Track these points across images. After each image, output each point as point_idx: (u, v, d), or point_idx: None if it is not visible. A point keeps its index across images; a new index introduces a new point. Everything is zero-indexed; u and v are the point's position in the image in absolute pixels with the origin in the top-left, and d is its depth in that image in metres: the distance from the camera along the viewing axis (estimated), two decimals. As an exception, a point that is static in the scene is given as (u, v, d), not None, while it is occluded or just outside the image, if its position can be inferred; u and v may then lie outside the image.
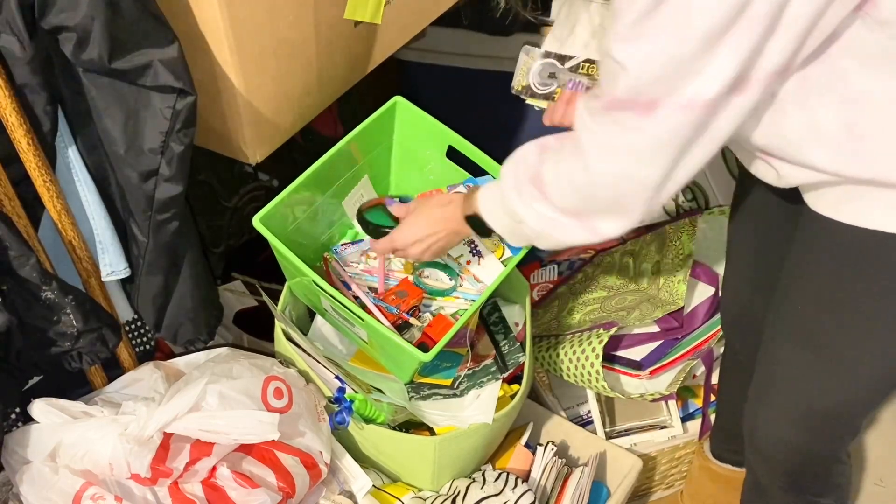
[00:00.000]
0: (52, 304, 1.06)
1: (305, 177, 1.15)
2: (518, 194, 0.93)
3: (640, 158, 0.80)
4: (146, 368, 1.23)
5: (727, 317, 1.33)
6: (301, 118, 1.22)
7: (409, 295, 1.22)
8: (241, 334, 1.58)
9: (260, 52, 1.05)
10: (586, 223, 0.89)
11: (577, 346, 1.42)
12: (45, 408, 1.10)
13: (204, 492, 1.09)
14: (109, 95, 1.00)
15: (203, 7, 0.98)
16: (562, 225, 0.91)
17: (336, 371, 1.21)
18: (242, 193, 1.71)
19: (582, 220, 0.89)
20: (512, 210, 0.95)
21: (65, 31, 0.91)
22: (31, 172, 1.03)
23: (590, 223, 0.89)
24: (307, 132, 1.50)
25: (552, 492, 1.30)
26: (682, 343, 1.47)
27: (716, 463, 1.49)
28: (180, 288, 1.22)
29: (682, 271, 1.48)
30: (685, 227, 1.56)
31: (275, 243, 1.11)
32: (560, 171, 0.88)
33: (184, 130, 1.02)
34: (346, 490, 1.24)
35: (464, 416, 1.21)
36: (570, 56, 1.19)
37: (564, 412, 1.53)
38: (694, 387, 1.56)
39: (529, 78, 1.21)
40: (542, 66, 1.20)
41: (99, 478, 1.06)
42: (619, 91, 0.76)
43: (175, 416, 1.05)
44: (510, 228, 1.00)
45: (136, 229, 1.13)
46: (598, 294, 1.56)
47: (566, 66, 1.20)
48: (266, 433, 1.09)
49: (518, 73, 1.21)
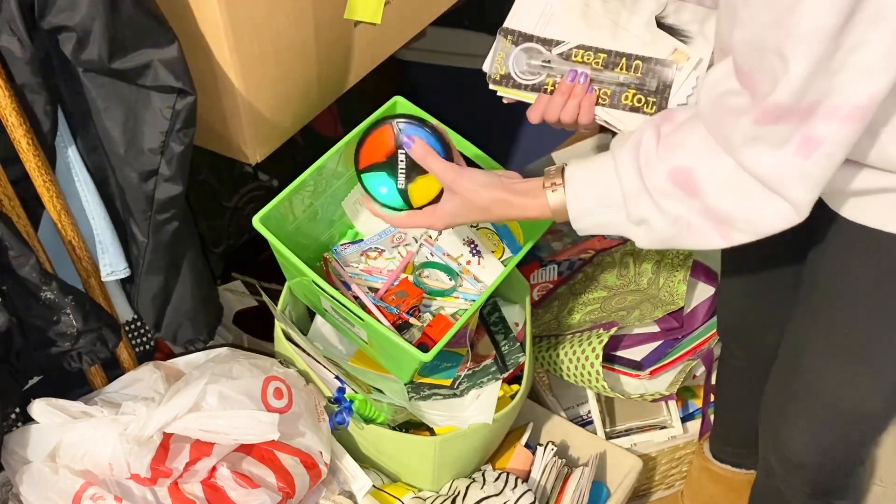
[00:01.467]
0: (51, 304, 1.06)
1: (305, 177, 1.15)
2: (648, 195, 0.81)
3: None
4: (146, 368, 1.23)
5: (724, 324, 1.33)
6: (301, 118, 1.22)
7: (409, 295, 1.22)
8: (241, 334, 1.58)
9: (260, 52, 1.05)
10: (725, 230, 0.80)
11: (578, 346, 1.42)
12: (45, 408, 1.09)
13: (204, 492, 1.09)
14: (109, 95, 1.00)
15: (203, 7, 0.98)
16: (697, 229, 0.81)
17: (336, 371, 1.21)
18: (242, 193, 1.71)
19: (723, 225, 0.80)
20: (637, 212, 0.83)
21: (65, 31, 0.91)
22: (31, 172, 1.03)
23: (728, 230, 0.80)
24: (307, 132, 1.50)
25: (552, 492, 1.30)
26: (683, 343, 1.47)
27: (716, 464, 1.49)
28: (180, 288, 1.22)
29: (682, 271, 1.48)
30: (685, 227, 1.55)
31: (275, 243, 1.11)
32: (718, 168, 0.78)
33: (184, 130, 1.02)
34: (346, 490, 1.24)
35: (464, 416, 1.21)
36: (558, 40, 1.00)
37: (564, 412, 1.53)
38: (694, 387, 1.56)
39: (509, 65, 1.02)
40: (524, 52, 1.02)
41: (99, 478, 1.06)
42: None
43: (175, 416, 1.05)
44: (612, 227, 0.87)
45: (135, 229, 1.13)
46: (599, 294, 1.56)
47: (554, 53, 1.01)
48: (266, 433, 1.09)
49: (494, 60, 1.03)
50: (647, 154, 0.81)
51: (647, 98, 0.99)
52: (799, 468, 1.11)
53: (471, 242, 1.27)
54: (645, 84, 0.99)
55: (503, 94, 1.05)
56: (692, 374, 1.48)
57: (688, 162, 0.79)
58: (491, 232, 1.27)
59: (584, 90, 0.99)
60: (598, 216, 0.87)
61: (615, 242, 1.65)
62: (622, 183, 0.83)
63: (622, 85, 0.99)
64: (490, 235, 1.27)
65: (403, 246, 1.29)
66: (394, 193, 1.03)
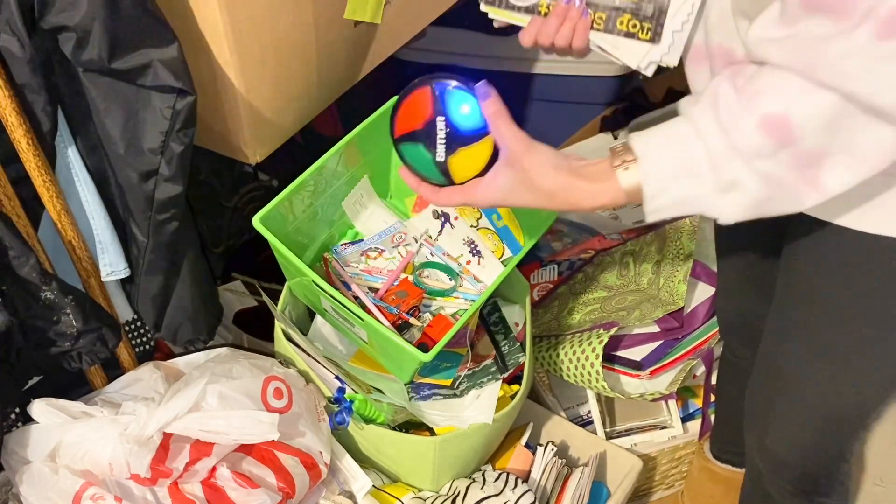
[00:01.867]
0: (51, 304, 1.06)
1: (305, 177, 1.15)
2: (737, 153, 0.72)
3: None
4: (146, 368, 1.23)
5: (723, 322, 1.33)
6: (301, 118, 1.21)
7: (409, 295, 1.21)
8: (240, 334, 1.58)
9: (260, 52, 1.05)
10: (821, 180, 0.72)
11: (578, 346, 1.42)
12: (45, 408, 1.09)
13: (204, 492, 1.09)
14: (109, 95, 1.00)
15: (203, 7, 0.98)
16: (789, 187, 0.73)
17: (336, 371, 1.21)
18: (242, 193, 1.71)
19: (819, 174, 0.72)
20: (726, 176, 0.73)
21: (65, 31, 0.91)
22: (31, 172, 1.03)
23: (824, 179, 0.72)
24: (307, 132, 1.50)
25: (552, 492, 1.30)
26: (683, 343, 1.47)
27: (716, 463, 1.49)
28: (180, 288, 1.22)
29: (683, 271, 1.48)
30: (685, 227, 1.56)
31: (275, 243, 1.11)
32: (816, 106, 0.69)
33: (184, 130, 1.02)
34: (346, 490, 1.24)
35: (464, 416, 1.21)
36: None
37: (564, 412, 1.53)
38: (694, 387, 1.56)
39: None
40: None
41: (99, 478, 1.06)
42: None
43: (175, 416, 1.05)
44: (692, 202, 0.76)
45: (135, 229, 1.12)
46: (599, 294, 1.56)
47: None
48: (266, 433, 1.09)
49: None
50: (729, 108, 0.72)
51: (643, 24, 0.96)
52: (783, 468, 1.12)
53: (471, 242, 1.27)
54: (641, 9, 0.95)
55: (494, 17, 0.99)
56: (692, 373, 1.48)
57: (778, 107, 0.70)
58: (491, 232, 1.27)
59: (579, 13, 0.94)
60: (677, 190, 0.76)
61: (615, 242, 1.65)
62: (707, 145, 0.73)
63: (618, 9, 0.95)
64: (490, 235, 1.27)
65: (403, 246, 1.29)
66: (431, 166, 0.89)
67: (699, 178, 0.74)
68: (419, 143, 0.89)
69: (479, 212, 1.28)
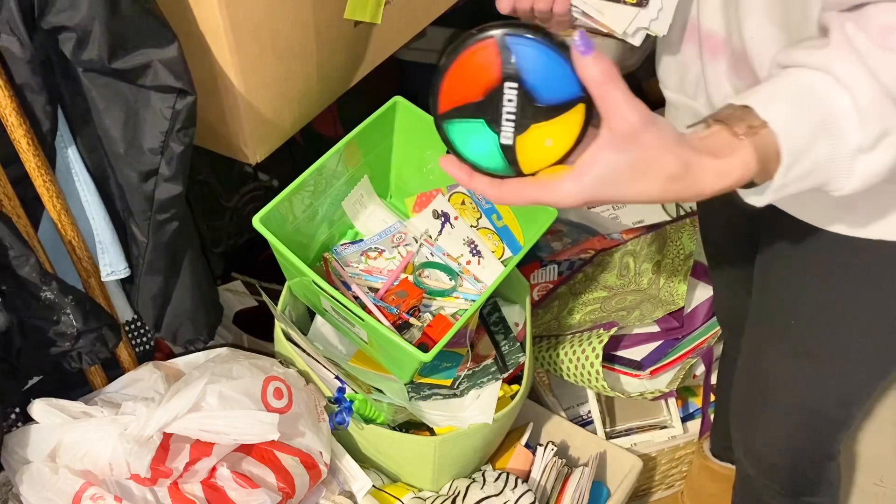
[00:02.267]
0: (51, 304, 1.06)
1: (305, 177, 1.15)
2: (890, 97, 0.61)
3: None
4: (146, 368, 1.23)
5: (721, 317, 1.34)
6: (301, 118, 1.21)
7: (409, 295, 1.21)
8: (241, 334, 1.58)
9: (260, 52, 1.05)
10: None
11: (578, 346, 1.42)
12: (45, 408, 1.09)
13: (204, 492, 1.08)
14: (109, 95, 1.00)
15: (203, 7, 0.98)
16: None
17: (336, 371, 1.21)
18: (242, 193, 1.71)
19: None
20: (881, 125, 0.62)
21: (65, 31, 0.91)
22: (31, 172, 1.03)
23: None
24: (307, 132, 1.50)
25: (552, 492, 1.30)
26: (683, 343, 1.47)
27: (716, 462, 1.49)
28: (180, 288, 1.22)
29: (683, 271, 1.48)
30: (685, 227, 1.56)
31: (275, 243, 1.11)
32: None
33: (184, 130, 1.02)
34: (346, 490, 1.24)
35: (464, 416, 1.21)
36: None
37: (564, 412, 1.53)
38: (694, 386, 1.57)
39: None
40: None
41: (99, 478, 1.06)
42: None
43: (175, 416, 1.05)
44: (827, 166, 0.64)
45: (135, 229, 1.12)
46: (599, 294, 1.56)
47: None
48: (266, 433, 1.09)
49: None
50: (868, 47, 0.61)
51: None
52: (771, 469, 1.12)
53: (471, 242, 1.27)
54: None
55: None
56: (692, 372, 1.48)
57: None
58: (491, 232, 1.27)
59: None
60: (816, 151, 0.63)
61: (615, 242, 1.65)
62: (855, 94, 0.61)
63: None
64: (490, 235, 1.27)
65: (403, 246, 1.29)
66: (492, 151, 0.65)
67: (841, 136, 0.62)
68: (478, 120, 0.64)
69: (478, 211, 1.28)
